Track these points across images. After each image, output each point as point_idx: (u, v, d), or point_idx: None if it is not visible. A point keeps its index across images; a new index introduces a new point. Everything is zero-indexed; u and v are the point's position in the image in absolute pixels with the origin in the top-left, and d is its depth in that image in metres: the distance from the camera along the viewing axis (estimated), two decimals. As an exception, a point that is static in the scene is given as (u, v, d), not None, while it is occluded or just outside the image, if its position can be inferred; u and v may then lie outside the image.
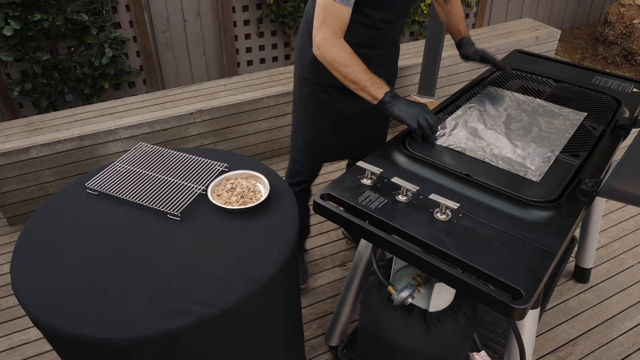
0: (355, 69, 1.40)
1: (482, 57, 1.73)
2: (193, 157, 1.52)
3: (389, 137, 1.63)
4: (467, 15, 4.44)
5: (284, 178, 1.69)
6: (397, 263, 1.41)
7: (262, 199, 1.32)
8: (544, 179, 1.30)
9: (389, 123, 1.92)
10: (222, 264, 1.15)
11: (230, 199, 1.33)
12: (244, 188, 1.37)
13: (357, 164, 1.33)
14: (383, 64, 1.68)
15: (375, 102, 1.42)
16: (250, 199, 1.34)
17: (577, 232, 2.18)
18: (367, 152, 1.45)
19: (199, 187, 1.38)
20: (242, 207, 1.30)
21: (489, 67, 1.89)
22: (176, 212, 1.28)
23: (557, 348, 1.95)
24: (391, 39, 1.65)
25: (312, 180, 1.97)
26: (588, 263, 2.15)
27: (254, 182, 1.40)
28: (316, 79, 1.66)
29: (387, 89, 1.42)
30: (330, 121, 1.73)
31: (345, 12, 1.38)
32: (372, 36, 1.56)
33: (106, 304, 1.06)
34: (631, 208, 2.67)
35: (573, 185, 1.25)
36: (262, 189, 1.38)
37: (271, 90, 2.87)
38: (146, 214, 1.31)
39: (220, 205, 1.30)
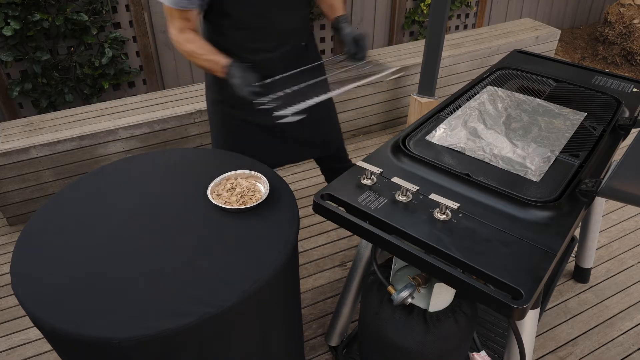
0: (198, 54, 1.45)
1: (356, 41, 1.55)
2: None
3: (388, 138, 1.62)
4: (467, 15, 4.44)
5: (282, 177, 1.68)
6: (397, 263, 1.41)
7: (262, 199, 1.32)
8: (544, 179, 1.30)
9: (332, 121, 1.85)
10: (222, 264, 1.15)
11: (230, 198, 1.33)
12: (243, 188, 1.37)
13: (357, 163, 1.33)
14: (297, 68, 1.56)
15: (222, 72, 1.43)
16: (250, 199, 1.34)
17: (577, 232, 2.18)
18: (323, 148, 1.45)
19: None
20: (242, 207, 1.30)
21: (489, 67, 1.89)
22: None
23: (557, 348, 1.95)
24: (275, 37, 1.54)
25: None
26: (588, 263, 2.15)
27: (254, 182, 1.40)
28: (224, 96, 1.63)
29: (227, 61, 1.43)
30: (254, 134, 1.68)
31: (183, 13, 1.42)
32: (246, 38, 1.51)
33: (106, 303, 1.06)
34: (631, 208, 2.67)
35: (573, 185, 1.25)
36: (262, 189, 1.38)
37: (271, 90, 2.86)
38: (146, 214, 1.31)
39: (220, 205, 1.30)
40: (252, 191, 1.36)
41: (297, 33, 1.59)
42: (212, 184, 1.37)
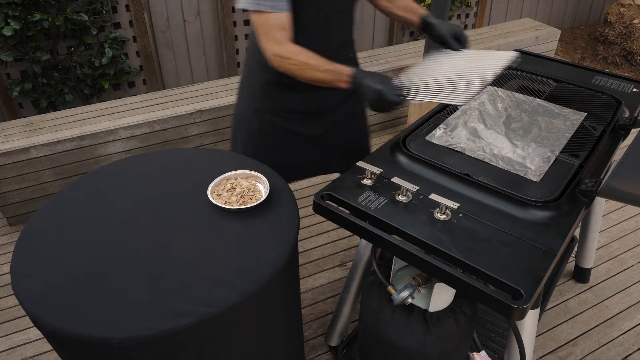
0: (313, 67, 1.31)
1: (456, 37, 1.54)
2: None
3: (388, 138, 1.61)
4: (467, 15, 4.44)
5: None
6: (397, 263, 1.41)
7: (262, 199, 1.32)
8: (544, 179, 1.30)
9: (366, 133, 1.80)
10: (222, 264, 1.15)
11: (230, 199, 1.33)
12: (243, 188, 1.37)
13: (357, 163, 1.33)
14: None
15: (347, 82, 1.31)
16: (250, 199, 1.34)
17: (577, 232, 2.18)
18: (346, 166, 1.37)
19: None
20: (242, 207, 1.30)
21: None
22: None
23: (557, 348, 1.95)
24: (333, 46, 1.49)
25: None
26: (588, 263, 2.15)
27: (254, 182, 1.40)
28: (272, 106, 1.57)
29: (351, 70, 1.32)
30: (295, 144, 1.63)
31: (277, 18, 1.28)
32: (308, 44, 1.40)
33: (106, 303, 1.06)
34: (631, 208, 2.67)
35: (573, 185, 1.25)
36: (262, 189, 1.38)
37: (271, 90, 2.86)
38: (146, 214, 1.31)
39: (220, 205, 1.30)
40: (252, 191, 1.36)
41: (348, 45, 1.55)
42: (212, 184, 1.36)
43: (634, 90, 1.76)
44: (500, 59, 1.42)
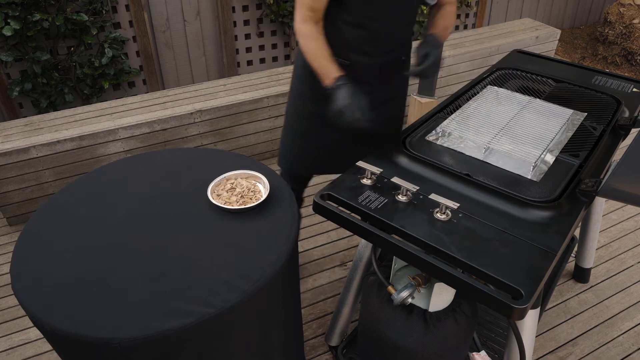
0: (314, 55, 1.42)
1: (424, 57, 1.48)
2: None
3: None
4: (467, 15, 4.44)
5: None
6: (397, 263, 1.41)
7: (262, 199, 1.32)
8: (544, 179, 1.30)
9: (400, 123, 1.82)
10: (222, 264, 1.15)
11: (230, 199, 1.33)
12: (244, 188, 1.37)
13: (357, 163, 1.33)
14: (381, 82, 1.55)
15: (329, 84, 1.41)
16: (250, 199, 1.34)
17: (577, 232, 2.18)
18: None
19: None
20: (242, 207, 1.30)
21: (489, 67, 1.89)
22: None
23: (557, 348, 1.95)
24: (386, 44, 1.51)
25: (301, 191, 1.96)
26: (588, 263, 2.15)
27: (254, 182, 1.40)
28: (311, 91, 1.60)
29: (340, 73, 1.40)
30: (332, 131, 1.63)
31: (311, 1, 1.38)
32: (359, 37, 1.47)
33: (106, 304, 1.06)
34: (631, 208, 2.67)
35: (573, 185, 1.25)
36: (262, 189, 1.38)
37: (271, 90, 2.86)
38: (146, 214, 1.31)
39: (220, 205, 1.30)
40: (252, 191, 1.36)
41: (404, 45, 1.57)
42: (212, 184, 1.36)
43: (634, 90, 1.76)
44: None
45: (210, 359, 1.13)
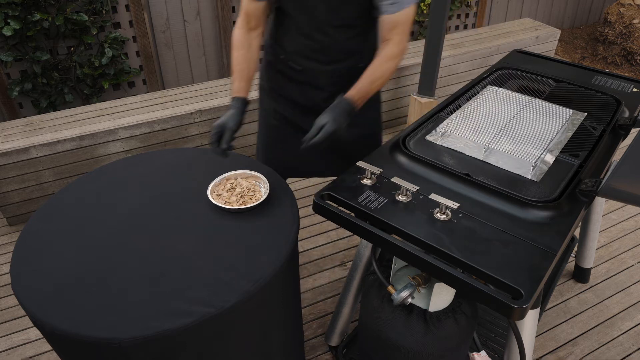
0: (233, 64, 1.44)
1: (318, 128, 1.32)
2: None
3: (388, 138, 1.59)
4: (467, 15, 4.44)
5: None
6: (397, 263, 1.41)
7: (262, 199, 1.32)
8: (544, 178, 1.30)
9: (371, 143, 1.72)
10: (222, 264, 1.15)
11: (230, 199, 1.33)
12: (244, 188, 1.37)
13: (357, 163, 1.33)
14: (337, 88, 1.47)
15: (231, 97, 1.43)
16: (250, 199, 1.34)
17: (577, 232, 2.18)
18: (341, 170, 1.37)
19: None
20: (242, 207, 1.30)
21: (489, 67, 1.89)
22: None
23: (557, 348, 1.95)
24: (334, 54, 1.47)
25: None
26: (588, 263, 2.15)
27: (254, 182, 1.40)
28: (269, 87, 1.64)
29: (238, 94, 1.40)
30: (292, 136, 1.59)
31: (245, 4, 1.40)
32: (307, 46, 1.45)
33: (106, 304, 1.06)
34: (631, 208, 2.67)
35: (573, 185, 1.25)
36: (262, 189, 1.38)
37: (271, 90, 2.86)
38: (146, 214, 1.31)
39: (220, 205, 1.30)
40: (252, 191, 1.36)
41: (354, 54, 1.49)
42: (212, 184, 1.36)
43: (634, 90, 1.76)
44: None
45: (210, 359, 1.13)
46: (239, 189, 1.36)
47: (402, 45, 1.38)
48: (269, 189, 1.35)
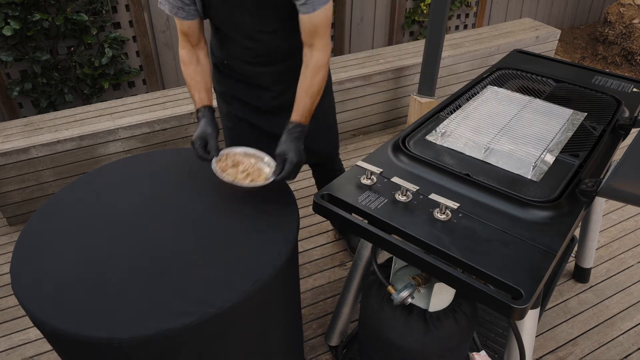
0: (187, 82, 1.48)
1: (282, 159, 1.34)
2: None
3: (388, 138, 1.60)
4: (467, 15, 4.44)
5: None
6: (397, 263, 1.41)
7: (270, 176, 1.30)
8: (544, 178, 1.30)
9: (326, 123, 1.80)
10: (222, 264, 1.15)
11: (237, 176, 1.32)
12: (247, 165, 1.35)
13: (357, 163, 1.33)
14: (284, 87, 1.57)
15: (195, 113, 1.49)
16: (258, 176, 1.33)
17: (577, 232, 2.18)
18: (310, 156, 1.45)
19: None
20: (255, 184, 1.27)
21: (489, 67, 1.89)
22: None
23: (557, 348, 1.95)
24: (268, 56, 1.52)
25: None
26: (588, 263, 2.15)
27: (253, 161, 1.39)
28: (220, 90, 1.69)
29: (202, 104, 1.45)
30: (247, 132, 1.71)
31: (180, 24, 1.43)
32: (242, 51, 1.51)
33: (106, 304, 1.06)
34: (631, 208, 2.67)
35: (573, 185, 1.25)
36: (266, 167, 1.36)
37: (271, 90, 2.86)
38: (146, 214, 1.30)
39: (230, 181, 1.28)
40: (257, 169, 1.35)
41: (291, 55, 1.52)
42: (213, 161, 1.34)
43: (634, 90, 1.76)
44: None
45: (210, 359, 1.13)
46: (242, 166, 1.35)
47: (327, 50, 1.40)
48: (274, 167, 1.33)
